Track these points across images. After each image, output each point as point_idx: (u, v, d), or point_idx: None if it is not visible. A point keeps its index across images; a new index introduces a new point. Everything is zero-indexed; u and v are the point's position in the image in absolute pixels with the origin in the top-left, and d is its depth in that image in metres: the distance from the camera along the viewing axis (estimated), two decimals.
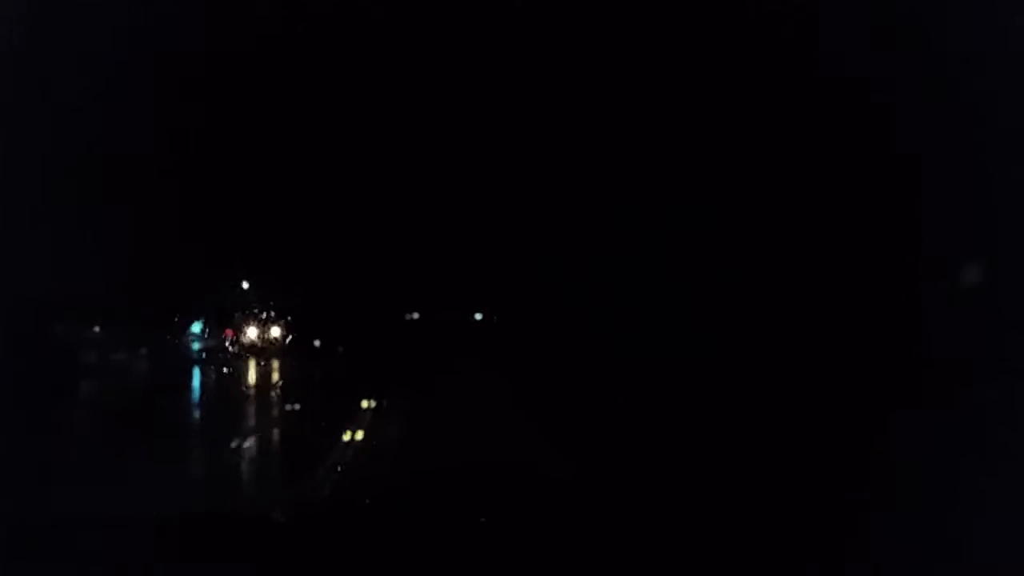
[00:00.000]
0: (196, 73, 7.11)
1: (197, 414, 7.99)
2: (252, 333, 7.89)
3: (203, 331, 8.40)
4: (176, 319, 7.53)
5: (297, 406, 7.41)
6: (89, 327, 8.66)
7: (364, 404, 6.83)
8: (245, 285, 8.10)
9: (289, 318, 7.85)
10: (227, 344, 8.08)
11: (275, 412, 7.53)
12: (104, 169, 7.06)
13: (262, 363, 8.15)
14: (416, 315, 12.13)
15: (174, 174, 7.72)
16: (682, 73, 7.41)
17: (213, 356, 8.14)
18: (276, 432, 6.56)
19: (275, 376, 8.49)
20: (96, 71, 6.08)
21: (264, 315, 7.81)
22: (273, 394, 8.50)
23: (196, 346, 8.57)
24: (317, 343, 9.61)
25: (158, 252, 7.69)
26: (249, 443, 5.83)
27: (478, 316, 12.60)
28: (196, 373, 8.76)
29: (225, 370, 8.21)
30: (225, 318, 7.95)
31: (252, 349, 8.03)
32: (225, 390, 8.41)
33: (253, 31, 6.64)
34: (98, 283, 7.66)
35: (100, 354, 8.55)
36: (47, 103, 6.03)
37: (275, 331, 7.79)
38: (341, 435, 5.50)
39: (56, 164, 6.31)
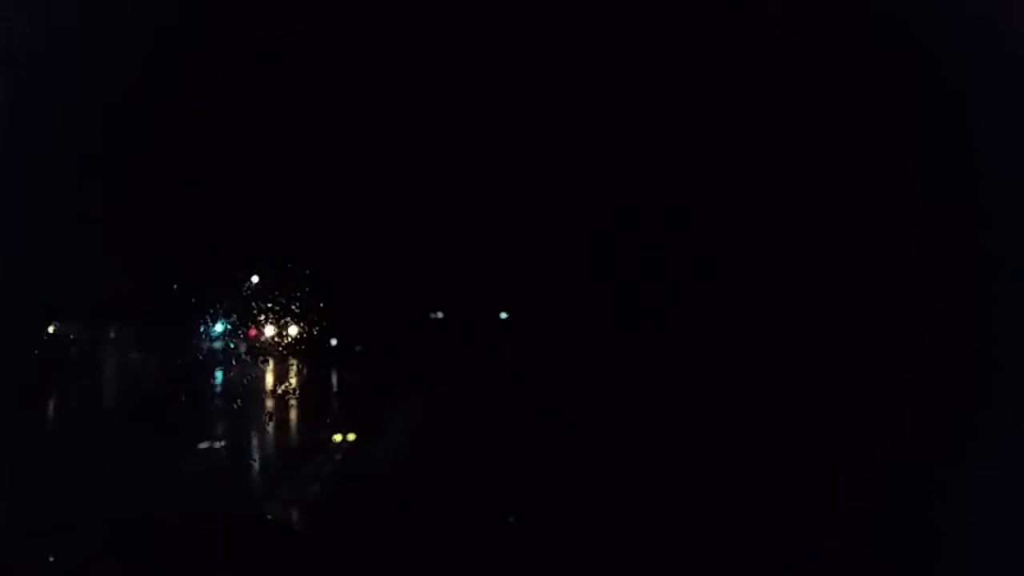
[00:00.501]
0: (210, 70, 7.02)
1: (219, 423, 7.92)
2: (270, 332, 7.76)
3: (223, 332, 8.26)
4: (192, 319, 7.40)
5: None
6: (102, 328, 8.62)
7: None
8: (261, 282, 7.96)
9: (307, 317, 7.70)
10: (246, 344, 7.95)
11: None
12: (115, 168, 7.00)
13: (279, 363, 8.05)
14: (440, 314, 12.00)
15: (195, 172, 7.65)
16: (692, 76, 7.28)
17: (232, 357, 8.01)
18: None
19: (292, 376, 8.48)
20: (97, 69, 6.01)
21: (282, 314, 7.66)
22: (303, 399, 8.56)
23: (217, 346, 8.44)
24: (334, 342, 9.53)
25: (173, 251, 7.62)
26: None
27: (504, 315, 12.45)
28: (218, 376, 8.67)
29: (235, 375, 8.13)
30: (243, 318, 7.81)
31: (270, 349, 7.89)
32: (252, 395, 8.35)
33: (261, 27, 6.54)
34: (111, 284, 7.60)
35: (114, 354, 8.50)
36: (53, 101, 5.98)
37: (293, 330, 7.65)
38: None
39: (62, 164, 6.26)
